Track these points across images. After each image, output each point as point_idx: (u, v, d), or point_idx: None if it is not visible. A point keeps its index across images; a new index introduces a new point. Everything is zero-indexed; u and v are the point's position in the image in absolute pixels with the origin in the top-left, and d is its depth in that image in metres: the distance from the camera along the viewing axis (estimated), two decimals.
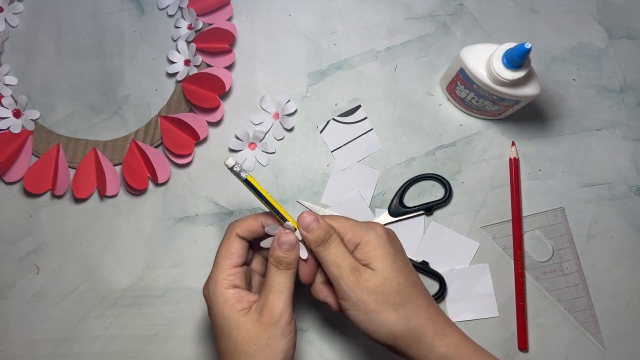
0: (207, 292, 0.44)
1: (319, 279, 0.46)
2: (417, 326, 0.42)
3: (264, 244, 0.45)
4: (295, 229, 0.45)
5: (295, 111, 0.58)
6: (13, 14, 0.60)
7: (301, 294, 0.55)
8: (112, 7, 0.60)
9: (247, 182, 0.44)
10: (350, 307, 0.42)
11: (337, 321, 0.54)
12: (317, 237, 0.44)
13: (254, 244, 0.47)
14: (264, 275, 0.49)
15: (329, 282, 0.46)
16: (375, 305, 0.42)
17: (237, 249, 0.45)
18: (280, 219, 0.45)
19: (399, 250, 0.45)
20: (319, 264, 0.45)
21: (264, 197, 0.44)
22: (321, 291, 0.46)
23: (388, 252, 0.43)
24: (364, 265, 0.43)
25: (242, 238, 0.45)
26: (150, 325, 0.55)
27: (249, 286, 0.46)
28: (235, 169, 0.43)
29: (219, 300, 0.43)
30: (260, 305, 0.43)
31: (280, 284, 0.43)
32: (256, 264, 0.49)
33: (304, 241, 0.45)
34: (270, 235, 0.45)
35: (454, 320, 0.54)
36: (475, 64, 0.50)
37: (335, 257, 0.43)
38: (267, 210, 0.45)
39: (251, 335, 0.42)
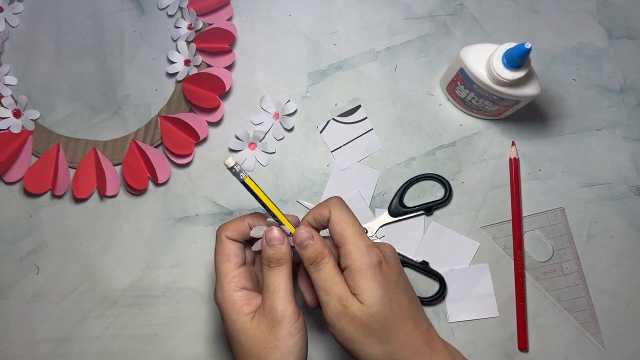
0: (217, 299, 0.44)
1: (304, 272, 0.46)
2: (402, 358, 0.41)
3: (255, 247, 0.45)
4: (290, 233, 0.44)
5: (295, 111, 0.58)
6: (13, 14, 0.60)
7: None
8: (112, 7, 0.60)
9: (244, 184, 0.43)
10: (335, 333, 0.42)
11: None
12: (309, 255, 0.42)
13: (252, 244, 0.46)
14: None
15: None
16: (359, 337, 0.40)
17: (232, 250, 0.44)
18: (277, 222, 0.44)
19: (392, 278, 0.42)
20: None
21: (261, 199, 0.44)
22: (302, 283, 0.46)
23: (379, 284, 0.41)
24: (353, 293, 0.41)
25: (234, 240, 0.45)
26: (150, 325, 0.55)
27: (258, 287, 0.46)
28: (235, 169, 0.43)
29: (228, 304, 0.43)
30: (262, 308, 0.42)
31: (275, 283, 0.42)
32: (259, 264, 0.48)
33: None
34: (258, 238, 0.44)
35: (453, 321, 0.54)
36: (475, 64, 0.50)
37: (325, 282, 0.42)
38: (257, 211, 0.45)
39: (259, 339, 0.41)
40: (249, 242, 0.46)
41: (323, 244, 0.43)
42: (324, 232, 0.46)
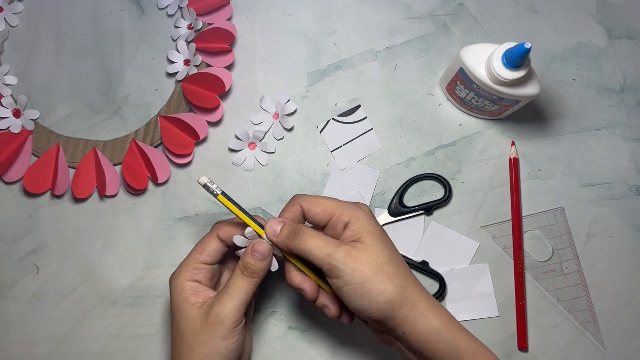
0: (171, 278, 0.46)
1: (293, 266, 0.46)
2: (412, 295, 0.42)
3: (240, 253, 0.46)
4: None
5: (295, 111, 0.58)
6: (13, 14, 0.60)
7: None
8: (112, 7, 0.60)
9: (224, 196, 0.45)
10: (346, 282, 0.41)
11: (337, 321, 0.54)
12: (285, 235, 0.44)
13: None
14: None
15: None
16: (371, 275, 0.41)
17: (212, 248, 0.46)
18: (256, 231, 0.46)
19: (383, 229, 0.45)
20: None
21: (236, 214, 0.45)
22: (296, 277, 0.45)
23: (377, 228, 0.44)
24: (354, 241, 0.43)
25: (222, 241, 0.46)
26: (150, 325, 0.55)
27: (215, 285, 0.48)
28: (208, 186, 0.45)
29: (177, 289, 0.45)
30: (212, 303, 0.44)
31: (238, 288, 0.44)
32: (234, 265, 0.49)
33: (278, 255, 0.45)
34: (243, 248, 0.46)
35: None
36: (475, 64, 0.50)
37: (314, 240, 0.42)
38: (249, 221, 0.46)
39: (195, 328, 0.43)
40: (233, 247, 0.47)
41: (294, 221, 0.45)
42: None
